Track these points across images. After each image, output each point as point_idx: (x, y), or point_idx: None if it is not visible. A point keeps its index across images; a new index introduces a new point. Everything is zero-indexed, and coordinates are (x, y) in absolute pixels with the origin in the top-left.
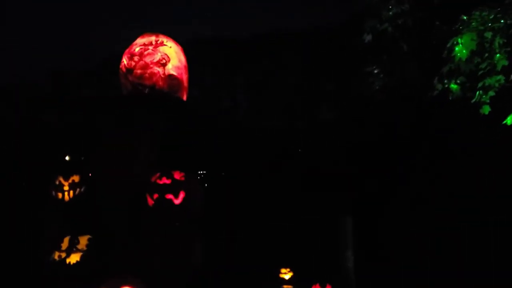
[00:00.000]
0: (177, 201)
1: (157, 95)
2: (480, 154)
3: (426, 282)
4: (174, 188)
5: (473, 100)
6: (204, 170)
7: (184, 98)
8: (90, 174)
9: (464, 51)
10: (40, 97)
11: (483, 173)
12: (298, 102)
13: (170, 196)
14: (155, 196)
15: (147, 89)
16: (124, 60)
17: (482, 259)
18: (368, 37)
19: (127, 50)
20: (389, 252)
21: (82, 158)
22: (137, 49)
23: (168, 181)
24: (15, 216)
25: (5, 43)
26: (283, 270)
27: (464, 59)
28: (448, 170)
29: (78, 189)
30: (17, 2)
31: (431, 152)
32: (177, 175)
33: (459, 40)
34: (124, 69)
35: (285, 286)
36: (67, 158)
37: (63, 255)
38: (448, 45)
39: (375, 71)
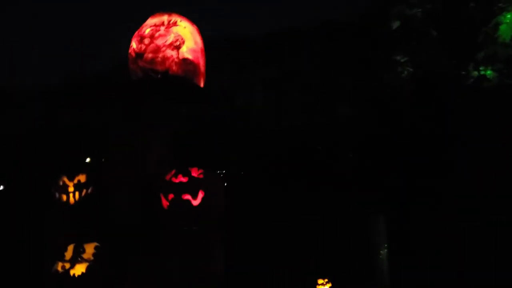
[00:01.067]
0: (195, 202)
1: (170, 81)
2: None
3: (459, 279)
4: (192, 187)
5: None
6: (222, 169)
7: (201, 84)
8: (96, 174)
9: (508, 31)
10: (54, 99)
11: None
12: (316, 98)
13: (187, 197)
14: (170, 196)
15: (159, 75)
16: (133, 44)
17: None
18: (395, 24)
19: (136, 33)
20: (422, 251)
21: (88, 159)
22: (147, 31)
23: (184, 180)
24: (15, 222)
25: (22, 46)
26: (320, 281)
27: (508, 40)
28: (478, 166)
29: (84, 190)
30: (32, 5)
31: (462, 146)
32: (195, 173)
33: (503, 19)
34: (133, 54)
35: None
36: (88, 160)
37: (67, 265)
38: (491, 25)
39: (403, 60)
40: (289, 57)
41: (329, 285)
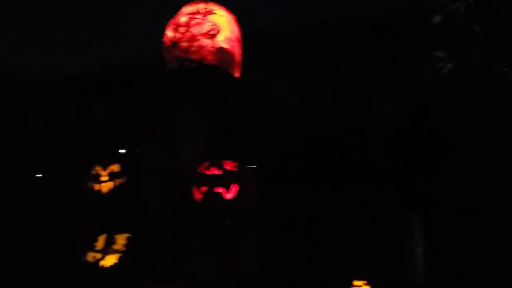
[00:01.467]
0: (228, 195)
1: (205, 71)
2: None
3: (493, 279)
4: (225, 180)
5: None
6: (254, 163)
7: (237, 74)
8: (129, 164)
9: None
10: (89, 89)
11: None
12: (350, 93)
13: (220, 189)
14: (203, 189)
15: (194, 65)
16: (169, 32)
17: None
18: (437, 18)
19: (171, 21)
20: (458, 251)
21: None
22: (183, 19)
23: (218, 172)
24: (48, 212)
25: (59, 36)
26: (356, 283)
27: None
28: None
29: (117, 180)
30: None
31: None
32: (229, 165)
33: None
34: (168, 43)
35: None
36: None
37: (98, 256)
38: None
39: (444, 56)
40: (324, 51)
41: (368, 287)
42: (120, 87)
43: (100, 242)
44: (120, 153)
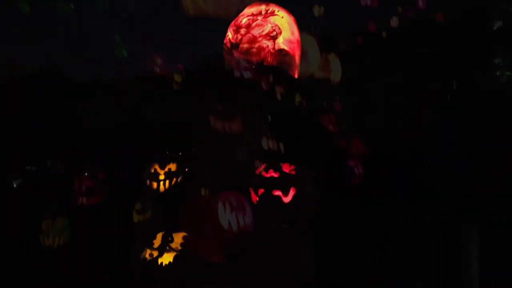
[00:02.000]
0: (286, 199)
1: (265, 72)
2: None
3: None
4: (283, 183)
5: None
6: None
7: (296, 76)
8: (187, 164)
9: None
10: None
11: None
12: (400, 101)
13: (278, 193)
14: (260, 191)
15: (254, 66)
16: (229, 34)
17: None
18: (498, 24)
19: (232, 23)
20: None
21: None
22: (244, 21)
23: (275, 175)
24: (106, 209)
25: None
26: None
27: None
28: None
29: (174, 179)
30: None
31: None
32: (287, 168)
33: None
34: (228, 44)
35: None
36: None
37: (155, 253)
38: None
39: (503, 63)
40: (374, 56)
41: None
42: (179, 88)
43: (157, 240)
44: (177, 152)
